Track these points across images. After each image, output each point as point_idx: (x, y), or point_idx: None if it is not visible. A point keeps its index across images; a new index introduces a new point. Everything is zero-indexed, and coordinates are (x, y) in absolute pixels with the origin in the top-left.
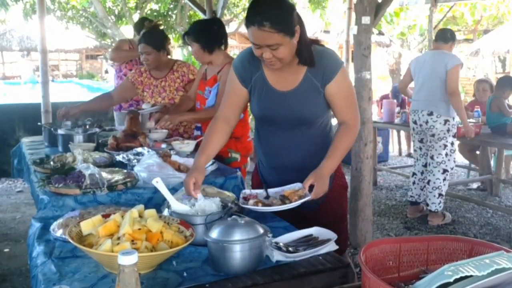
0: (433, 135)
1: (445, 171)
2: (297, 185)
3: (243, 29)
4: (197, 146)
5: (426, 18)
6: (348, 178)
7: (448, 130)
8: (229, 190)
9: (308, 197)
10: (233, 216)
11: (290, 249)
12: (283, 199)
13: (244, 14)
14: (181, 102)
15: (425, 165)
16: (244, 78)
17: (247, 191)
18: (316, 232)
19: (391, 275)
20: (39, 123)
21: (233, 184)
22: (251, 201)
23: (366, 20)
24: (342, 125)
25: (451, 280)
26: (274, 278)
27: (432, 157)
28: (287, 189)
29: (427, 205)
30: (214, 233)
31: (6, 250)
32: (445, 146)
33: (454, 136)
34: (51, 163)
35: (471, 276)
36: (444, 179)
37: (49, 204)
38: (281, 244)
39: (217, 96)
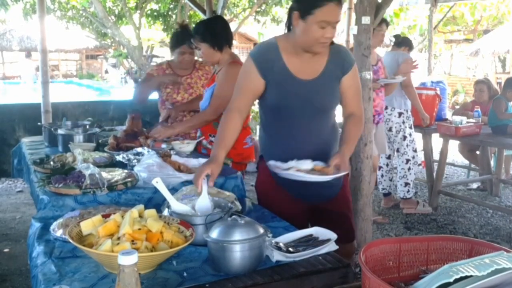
0: (390, 129)
1: (408, 160)
2: (307, 162)
3: (243, 29)
4: (197, 146)
5: (426, 18)
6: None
7: (404, 122)
8: (229, 190)
9: (344, 172)
10: (233, 216)
11: (290, 249)
12: (316, 173)
13: (244, 14)
14: (193, 100)
15: (388, 157)
16: (264, 68)
17: (271, 162)
18: (316, 232)
19: (391, 275)
20: (39, 123)
21: (233, 184)
22: (292, 169)
23: (366, 20)
24: (351, 116)
25: (451, 280)
26: (274, 278)
27: (397, 150)
28: (301, 164)
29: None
30: (214, 233)
31: (6, 250)
32: (405, 137)
33: (410, 128)
34: (51, 163)
35: (471, 276)
36: (409, 168)
37: (49, 204)
38: (281, 244)
39: (211, 98)
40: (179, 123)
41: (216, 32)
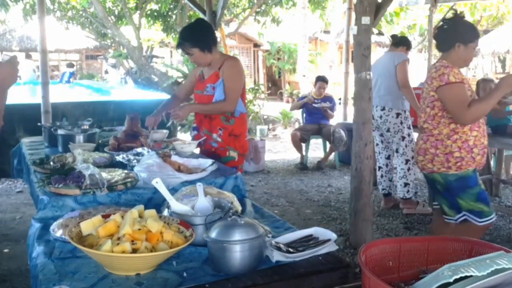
0: (388, 130)
1: (407, 161)
2: None
3: (243, 29)
4: (205, 141)
5: (426, 18)
6: (348, 178)
7: (402, 122)
8: (229, 190)
9: None
10: (233, 216)
11: (290, 249)
12: None
13: (244, 15)
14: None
15: (388, 158)
16: None
17: None
18: (316, 232)
19: (391, 275)
20: (39, 124)
21: (233, 184)
22: None
23: (366, 20)
24: None
25: (451, 280)
26: (274, 278)
27: (396, 151)
28: None
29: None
30: (214, 233)
31: (6, 250)
32: (403, 137)
33: (409, 128)
34: (51, 163)
35: (471, 276)
36: (409, 169)
37: (49, 204)
38: (281, 244)
39: (225, 92)
40: (197, 104)
41: (203, 35)
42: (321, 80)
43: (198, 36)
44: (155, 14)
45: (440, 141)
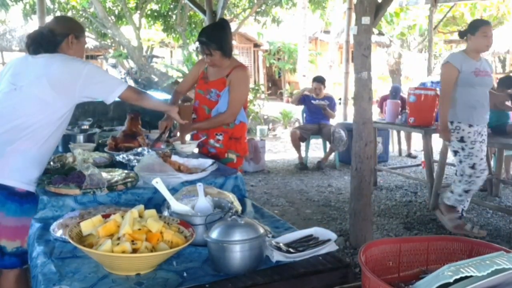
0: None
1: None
2: None
3: (243, 29)
4: (201, 147)
5: (426, 18)
6: (348, 178)
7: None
8: (229, 190)
9: None
10: (233, 216)
11: (290, 249)
12: None
13: (244, 15)
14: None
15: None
16: None
17: None
18: (316, 232)
19: (391, 275)
20: None
21: (233, 184)
22: None
23: (366, 20)
24: None
25: (451, 280)
26: (274, 278)
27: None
28: None
29: None
30: (214, 233)
31: None
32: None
33: (460, 141)
34: (51, 163)
35: (471, 276)
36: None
37: (49, 204)
38: (281, 244)
39: (229, 103)
40: (199, 122)
41: (228, 40)
42: (317, 81)
43: (225, 40)
44: (155, 14)
45: None
